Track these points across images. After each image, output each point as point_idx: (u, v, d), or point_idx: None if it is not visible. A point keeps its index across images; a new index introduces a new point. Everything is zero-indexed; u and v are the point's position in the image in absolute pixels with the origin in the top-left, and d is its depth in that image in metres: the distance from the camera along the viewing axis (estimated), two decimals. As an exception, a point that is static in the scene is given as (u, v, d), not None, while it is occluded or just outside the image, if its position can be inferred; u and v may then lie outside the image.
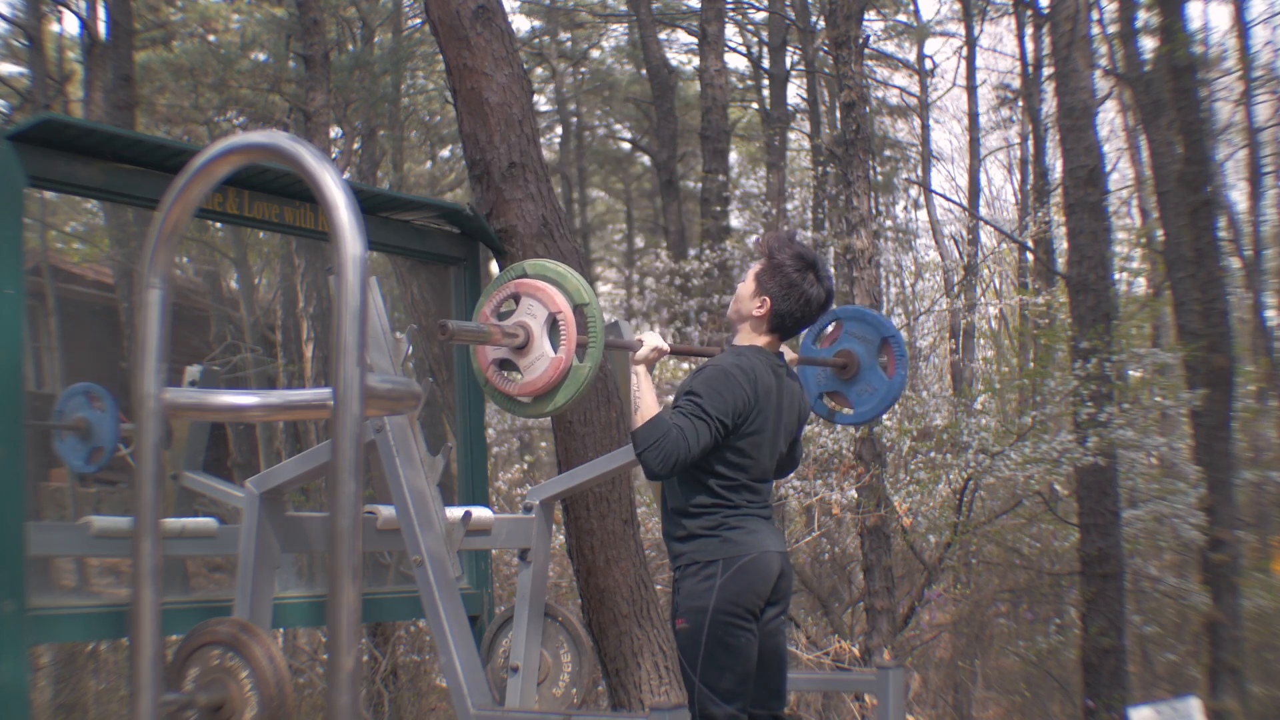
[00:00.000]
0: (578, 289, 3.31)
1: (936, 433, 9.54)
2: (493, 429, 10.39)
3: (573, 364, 3.26)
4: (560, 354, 3.24)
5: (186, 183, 1.48)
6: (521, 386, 3.32)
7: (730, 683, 3.32)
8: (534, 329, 3.29)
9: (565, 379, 3.27)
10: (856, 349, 4.04)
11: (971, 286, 14.08)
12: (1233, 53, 15.58)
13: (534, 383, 3.29)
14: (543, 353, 3.27)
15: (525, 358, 3.31)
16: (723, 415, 3.30)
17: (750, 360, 3.44)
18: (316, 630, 8.04)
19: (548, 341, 3.28)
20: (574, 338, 3.25)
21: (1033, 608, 10.91)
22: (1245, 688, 9.60)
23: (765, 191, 16.87)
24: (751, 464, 3.43)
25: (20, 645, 3.55)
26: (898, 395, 4.09)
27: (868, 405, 4.08)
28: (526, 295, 3.32)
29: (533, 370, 3.30)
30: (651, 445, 3.26)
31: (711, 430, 3.29)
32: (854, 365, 4.04)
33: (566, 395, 3.28)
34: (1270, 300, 17.29)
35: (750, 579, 3.35)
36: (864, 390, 4.05)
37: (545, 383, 3.27)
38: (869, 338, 4.03)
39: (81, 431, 4.37)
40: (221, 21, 14.48)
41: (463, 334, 3.20)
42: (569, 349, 3.24)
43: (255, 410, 1.66)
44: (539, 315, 3.29)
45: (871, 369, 4.03)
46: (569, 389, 3.28)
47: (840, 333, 4.08)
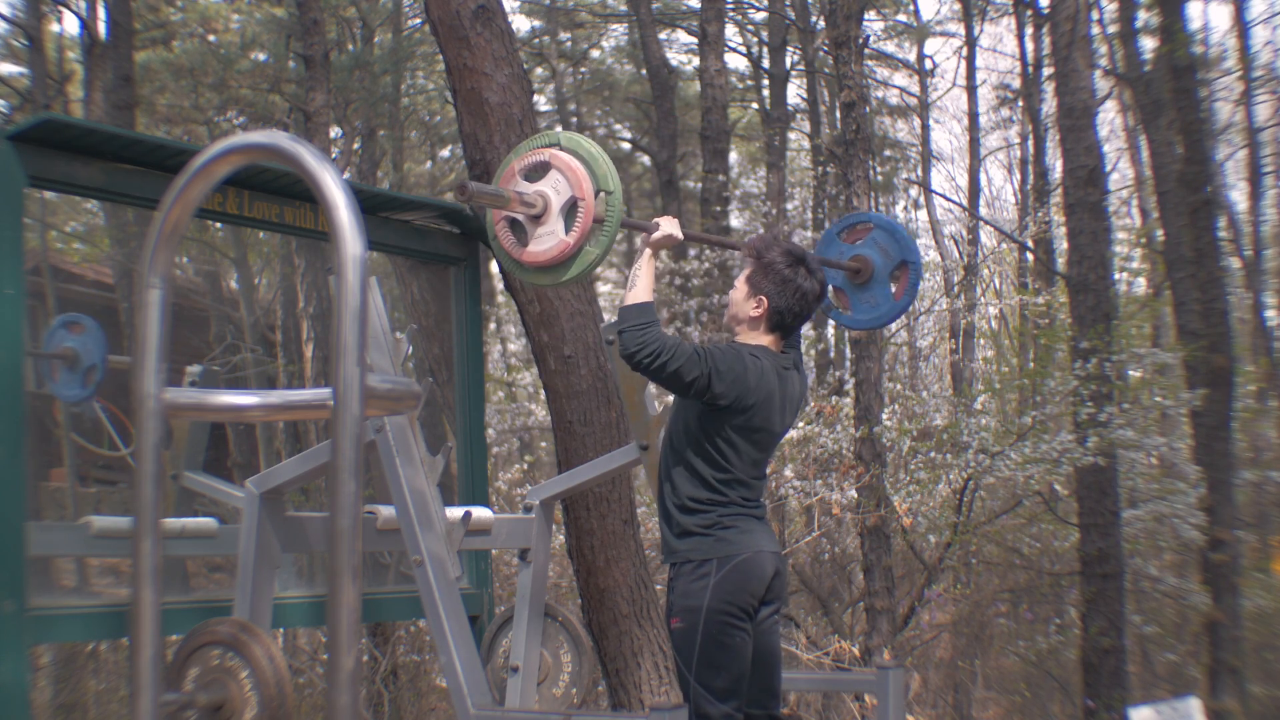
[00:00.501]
0: (605, 175, 3.29)
1: (936, 433, 9.54)
2: (493, 429, 10.39)
3: (583, 248, 3.26)
4: (569, 238, 3.24)
5: (186, 183, 1.48)
6: (526, 253, 3.32)
7: (725, 682, 3.33)
8: (553, 204, 3.29)
9: (572, 260, 3.27)
10: (875, 259, 4.02)
11: (971, 286, 14.08)
12: (1233, 53, 15.59)
13: (540, 254, 3.29)
14: (554, 230, 3.28)
15: (538, 227, 3.31)
16: (718, 373, 3.29)
17: (762, 360, 3.44)
18: (316, 630, 8.04)
19: (562, 222, 3.27)
20: (588, 225, 3.24)
21: (1033, 608, 10.91)
22: (1245, 688, 9.60)
23: (765, 191, 16.87)
24: (745, 458, 3.43)
25: (20, 645, 3.55)
26: (896, 318, 4.09)
27: (865, 316, 4.07)
28: (556, 168, 3.31)
29: (542, 242, 3.30)
30: (636, 325, 3.25)
31: (699, 369, 3.26)
32: (867, 273, 4.02)
33: (571, 273, 3.29)
34: (1270, 300, 17.29)
35: (744, 578, 3.36)
36: (868, 300, 4.04)
37: (551, 259, 3.27)
38: (891, 252, 4.01)
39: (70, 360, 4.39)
40: (221, 21, 14.49)
41: (481, 196, 3.20)
42: (579, 236, 3.24)
43: (255, 410, 1.66)
44: (562, 192, 3.28)
45: (882, 284, 4.01)
46: (574, 269, 3.28)
47: (866, 236, 4.06)
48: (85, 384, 4.41)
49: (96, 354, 4.38)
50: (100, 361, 4.38)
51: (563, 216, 3.27)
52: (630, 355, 3.25)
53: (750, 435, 3.42)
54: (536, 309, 4.89)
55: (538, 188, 3.31)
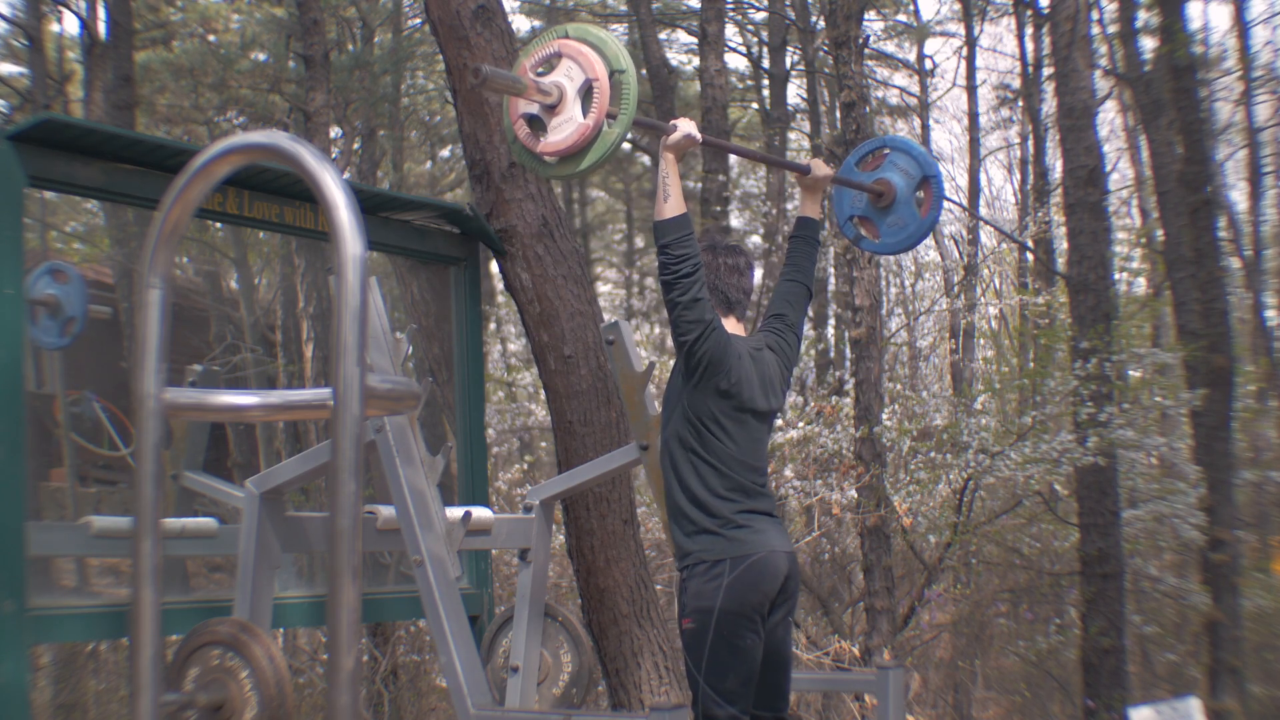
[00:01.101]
0: (616, 56, 3.30)
1: (936, 433, 9.54)
2: (493, 429, 10.39)
3: (602, 129, 3.27)
4: (589, 120, 3.25)
5: (186, 183, 1.48)
6: (546, 145, 3.33)
7: (734, 684, 3.32)
8: (568, 91, 3.30)
9: (593, 143, 3.28)
10: (896, 180, 4.02)
11: (971, 286, 14.08)
12: (1233, 53, 15.58)
13: (560, 143, 3.30)
14: (572, 115, 3.28)
15: (556, 117, 3.31)
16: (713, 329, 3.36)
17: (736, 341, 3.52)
18: (316, 630, 8.04)
19: (579, 106, 3.28)
20: (605, 105, 3.25)
21: (1033, 608, 10.91)
22: (1245, 688, 9.60)
23: (765, 191, 16.87)
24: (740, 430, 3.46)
25: (20, 645, 3.55)
26: (926, 234, 4.09)
27: (895, 238, 4.07)
28: (567, 57, 3.32)
29: (560, 131, 3.31)
30: (681, 238, 3.32)
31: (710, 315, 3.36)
32: (890, 195, 4.02)
33: (593, 158, 3.29)
34: (1270, 300, 17.29)
35: (757, 579, 3.34)
36: (895, 222, 4.04)
37: (571, 145, 3.28)
38: (911, 172, 4.01)
39: (51, 307, 4.40)
40: (221, 21, 14.48)
41: (496, 80, 3.20)
42: (598, 116, 3.24)
43: (255, 410, 1.66)
44: (576, 79, 3.29)
45: (907, 203, 4.01)
46: (596, 151, 3.28)
47: (884, 161, 4.06)
48: (64, 334, 4.43)
49: (78, 306, 4.41)
50: (81, 314, 4.41)
51: (579, 101, 3.28)
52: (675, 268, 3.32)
53: (736, 415, 3.45)
54: (536, 309, 4.89)
55: (552, 78, 3.32)
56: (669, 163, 3.41)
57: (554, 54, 3.35)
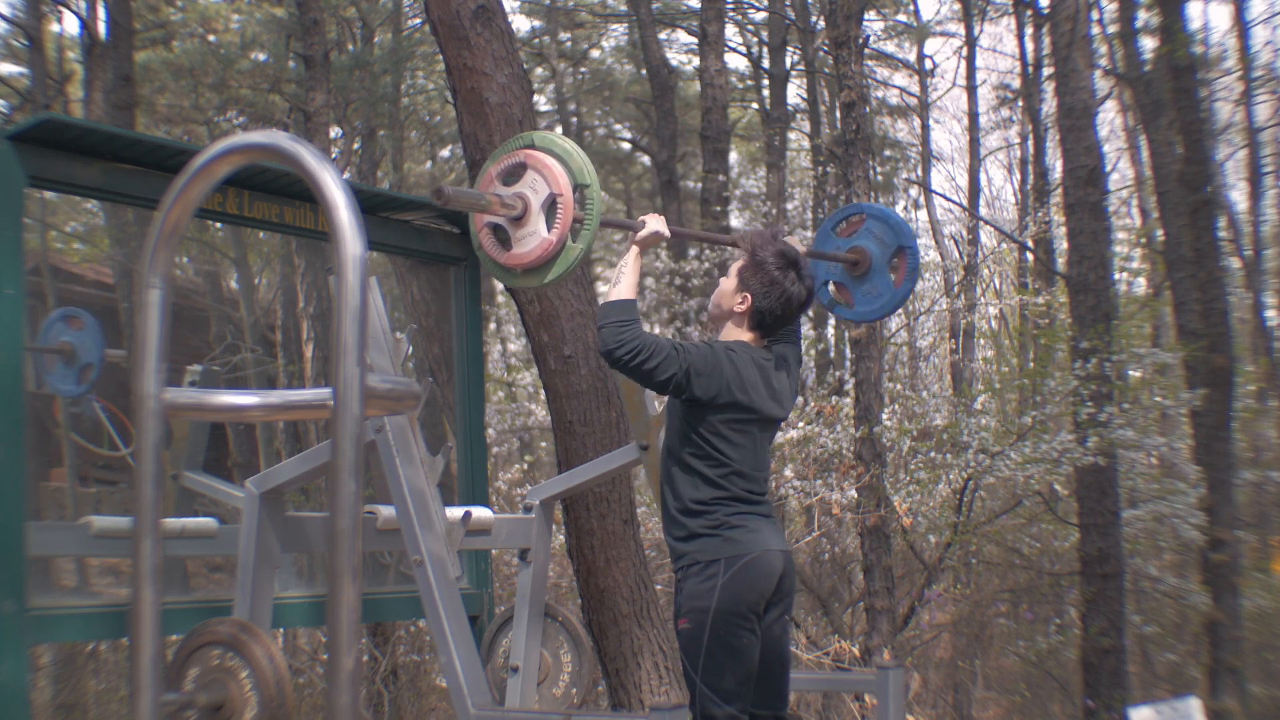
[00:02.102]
0: (581, 169, 3.30)
1: (936, 433, 9.54)
2: (493, 429, 10.39)
3: (565, 244, 3.27)
4: (552, 235, 3.25)
5: (186, 183, 1.48)
6: (510, 257, 3.33)
7: (732, 683, 3.32)
8: (532, 204, 3.29)
9: (556, 257, 3.28)
10: (872, 248, 4.02)
11: (971, 286, 14.08)
12: (1233, 53, 15.58)
13: (524, 256, 3.30)
14: (536, 230, 3.28)
15: (519, 229, 3.32)
16: (696, 370, 3.30)
17: (740, 354, 3.44)
18: (316, 630, 8.04)
19: (543, 220, 3.28)
20: (568, 222, 3.25)
21: (1033, 608, 10.90)
22: (1245, 688, 9.60)
23: (765, 191, 16.87)
24: (739, 449, 3.42)
25: (20, 645, 3.55)
26: (899, 305, 4.09)
27: (869, 307, 4.07)
28: (532, 168, 3.32)
29: (523, 244, 3.31)
30: (615, 322, 3.25)
31: (677, 365, 3.27)
32: (865, 264, 4.02)
33: (555, 273, 3.29)
34: (1270, 300, 17.29)
35: (753, 578, 3.34)
36: (870, 291, 4.04)
37: (534, 259, 3.28)
38: (887, 241, 4.01)
39: (67, 355, 4.39)
40: (221, 21, 14.48)
41: (459, 199, 3.20)
42: (561, 233, 3.24)
43: (255, 410, 1.66)
44: (540, 192, 3.29)
45: (881, 272, 4.01)
46: (559, 267, 3.28)
47: (860, 228, 4.06)
48: (80, 381, 4.41)
49: (94, 352, 4.39)
50: (97, 360, 4.38)
51: (543, 215, 3.28)
52: (608, 352, 3.27)
53: (739, 426, 3.41)
54: (536, 309, 4.89)
55: (516, 190, 3.32)
56: (632, 255, 3.40)
57: (519, 164, 3.34)
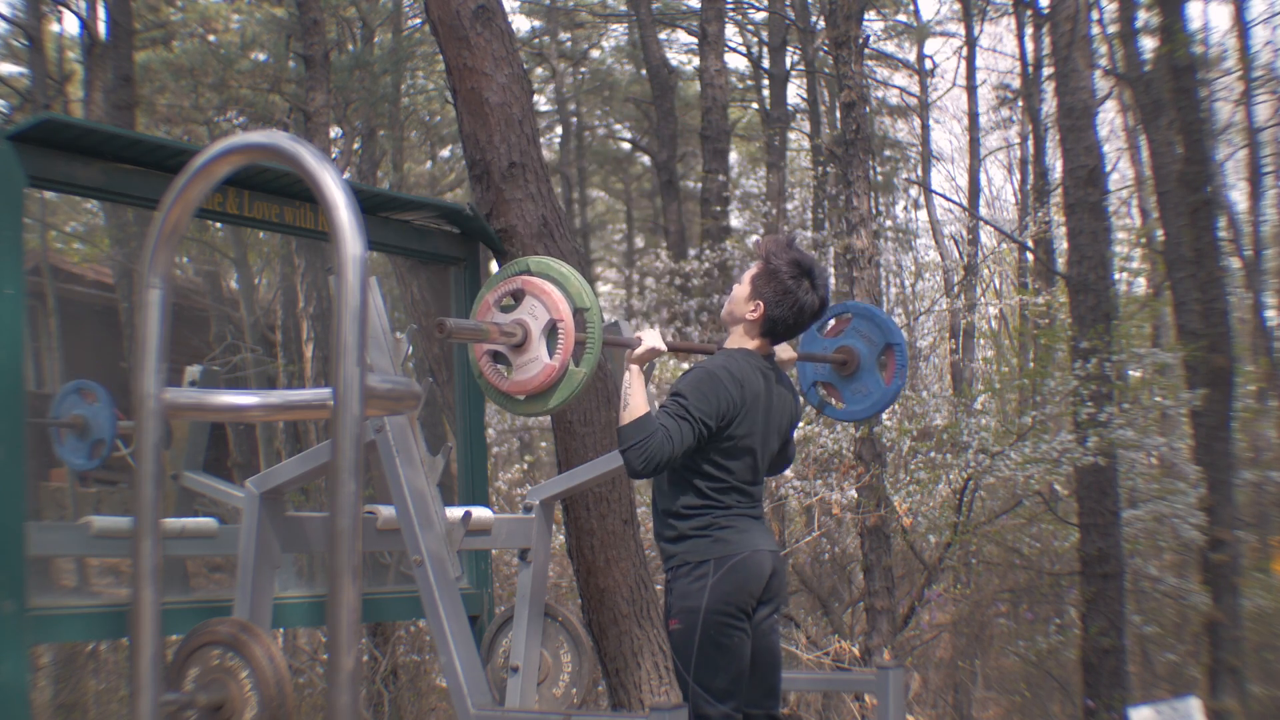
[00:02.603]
0: (579, 292, 3.31)
1: (936, 433, 9.54)
2: (493, 429, 10.39)
3: (568, 369, 3.27)
4: (554, 361, 3.26)
5: (186, 183, 1.48)
6: (513, 384, 3.33)
7: (724, 682, 3.33)
8: (532, 330, 3.30)
9: (559, 382, 3.29)
10: (859, 348, 4.03)
11: (971, 286, 14.08)
12: (1233, 53, 15.58)
13: (526, 383, 3.31)
14: (537, 356, 3.29)
15: (521, 356, 3.32)
16: (706, 417, 3.30)
17: (739, 363, 3.43)
18: (316, 630, 8.04)
19: (544, 345, 3.28)
20: (570, 347, 3.25)
21: (1033, 608, 10.90)
22: (1245, 688, 9.60)
23: (765, 191, 16.86)
24: (740, 467, 3.43)
25: (20, 645, 3.55)
26: (890, 403, 4.09)
27: (859, 406, 4.08)
28: (530, 294, 3.32)
29: (525, 370, 3.31)
30: (636, 444, 3.25)
31: (695, 431, 3.29)
32: (853, 364, 4.03)
33: (560, 398, 3.30)
34: (1270, 300, 17.29)
35: (742, 578, 3.35)
36: (859, 390, 4.05)
37: (537, 385, 3.29)
38: (874, 339, 4.02)
39: (79, 429, 4.38)
40: (221, 21, 14.49)
41: (461, 332, 3.20)
42: (563, 358, 3.25)
43: (255, 410, 1.66)
44: (540, 317, 3.29)
45: (870, 371, 4.02)
46: (563, 392, 3.30)
47: (847, 327, 4.06)
48: (92, 456, 4.39)
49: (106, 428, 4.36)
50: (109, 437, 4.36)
51: (544, 340, 3.28)
52: (640, 473, 3.29)
53: (742, 442, 3.42)
54: (536, 309, 4.89)
55: (515, 316, 3.32)
56: (634, 374, 3.38)
57: (517, 290, 3.34)
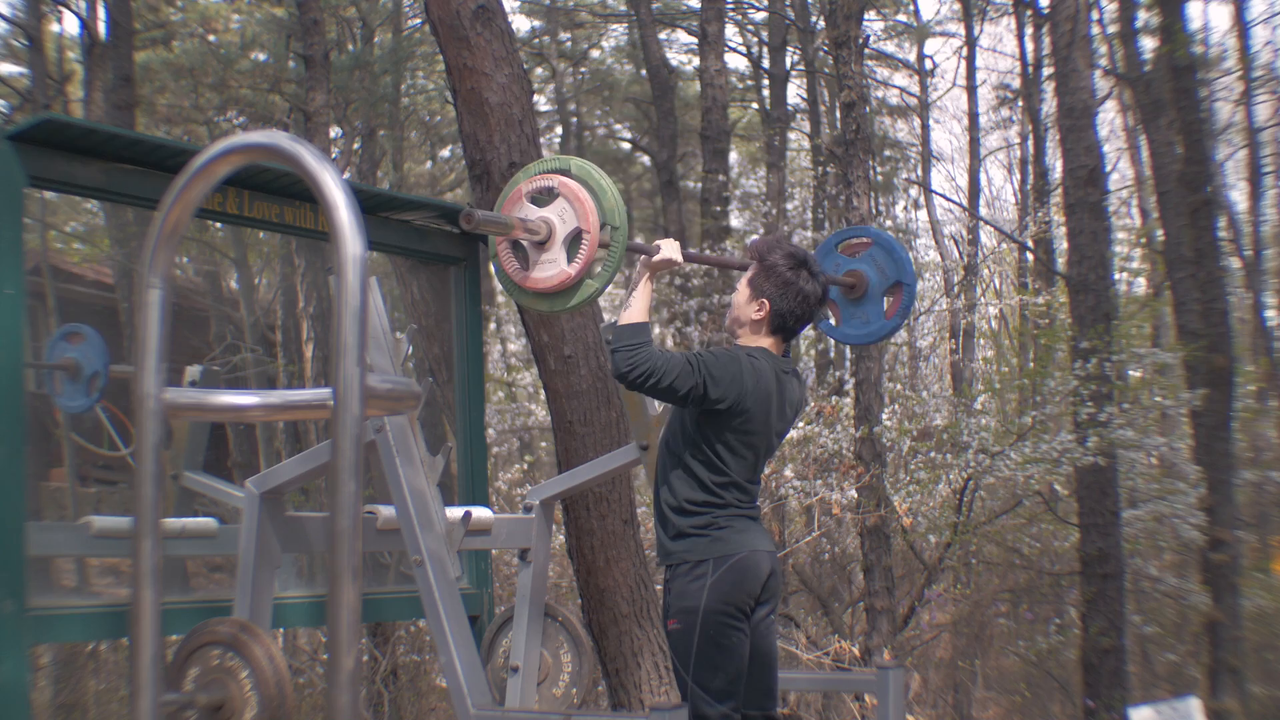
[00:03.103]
0: (613, 209, 3.27)
1: (936, 433, 9.55)
2: (493, 429, 10.39)
3: (583, 279, 3.25)
4: (571, 270, 3.23)
5: (186, 183, 1.48)
6: (526, 279, 3.31)
7: (723, 682, 3.33)
8: (557, 232, 3.27)
9: (573, 290, 3.26)
10: (871, 275, 4.03)
11: (971, 286, 14.08)
12: (1233, 53, 15.57)
13: (539, 281, 3.28)
14: (556, 259, 3.26)
15: (540, 254, 3.29)
16: (711, 379, 3.28)
17: (759, 361, 3.44)
18: (316, 630, 8.04)
19: (565, 252, 3.26)
20: (589, 260, 3.23)
21: (1033, 608, 10.91)
22: (1245, 688, 9.60)
23: (765, 191, 16.86)
24: (741, 461, 3.43)
25: (20, 645, 3.55)
26: (885, 337, 4.10)
27: (855, 331, 4.08)
28: (564, 196, 3.29)
29: (542, 269, 3.28)
30: (627, 345, 3.24)
31: (692, 379, 3.26)
32: (861, 288, 4.03)
33: (571, 303, 3.28)
34: (1270, 300, 17.28)
35: (740, 578, 3.36)
36: (859, 316, 4.05)
37: (548, 287, 3.27)
38: (887, 271, 4.01)
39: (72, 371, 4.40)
40: (221, 21, 14.49)
41: (486, 224, 3.18)
42: (580, 269, 3.22)
43: (255, 410, 1.66)
44: (567, 221, 3.26)
45: (875, 301, 4.02)
46: (575, 298, 3.27)
47: (864, 251, 4.06)
48: (89, 392, 4.42)
49: (98, 361, 4.39)
50: (102, 368, 4.38)
51: (565, 246, 3.26)
52: (622, 375, 3.26)
53: (747, 439, 3.42)
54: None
55: (543, 214, 3.29)
56: (644, 280, 3.38)
57: (551, 188, 3.31)
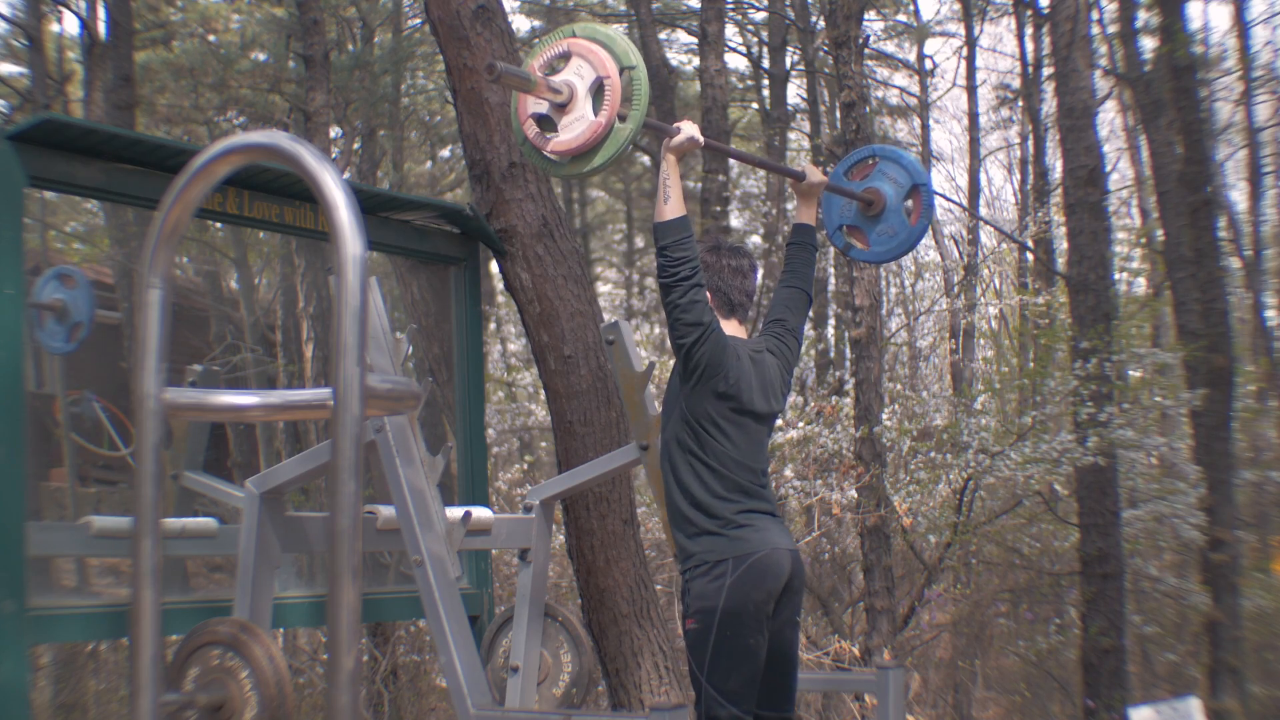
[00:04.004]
0: (626, 52, 3.29)
1: (936, 433, 9.55)
2: (493, 429, 10.39)
3: (614, 125, 3.25)
4: (600, 118, 3.24)
5: (186, 183, 1.48)
6: (557, 144, 3.31)
7: (737, 684, 3.30)
8: (579, 89, 3.28)
9: (604, 140, 3.26)
10: (886, 189, 4.03)
11: (971, 286, 14.08)
12: (1233, 53, 15.58)
13: (571, 142, 3.28)
14: (583, 114, 3.27)
15: (566, 116, 3.30)
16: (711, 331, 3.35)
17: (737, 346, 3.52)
18: (316, 630, 8.04)
19: (590, 104, 3.26)
20: (617, 102, 3.23)
21: (1033, 608, 10.91)
22: (1245, 688, 9.59)
23: (765, 191, 16.87)
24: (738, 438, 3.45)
25: (20, 645, 3.55)
26: (916, 242, 4.10)
27: (885, 246, 4.08)
28: (577, 55, 3.30)
29: (571, 129, 3.29)
30: (679, 240, 3.31)
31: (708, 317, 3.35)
32: (880, 204, 4.03)
33: (605, 156, 3.28)
34: (1270, 300, 17.28)
35: (760, 577, 3.33)
36: (885, 231, 4.05)
37: (582, 143, 3.27)
38: (900, 181, 4.02)
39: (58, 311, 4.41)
40: (221, 21, 14.49)
41: (509, 77, 3.19)
42: (610, 113, 3.23)
43: (255, 410, 1.66)
44: (586, 77, 3.27)
45: (896, 212, 4.02)
46: (608, 150, 3.27)
47: (873, 170, 4.07)
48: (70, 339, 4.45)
49: (85, 311, 4.42)
50: (87, 320, 4.42)
51: (590, 99, 3.26)
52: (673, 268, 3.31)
53: (734, 417, 3.45)
54: (536, 309, 4.89)
55: (561, 77, 3.31)
56: (670, 164, 3.40)
57: (562, 53, 3.33)
